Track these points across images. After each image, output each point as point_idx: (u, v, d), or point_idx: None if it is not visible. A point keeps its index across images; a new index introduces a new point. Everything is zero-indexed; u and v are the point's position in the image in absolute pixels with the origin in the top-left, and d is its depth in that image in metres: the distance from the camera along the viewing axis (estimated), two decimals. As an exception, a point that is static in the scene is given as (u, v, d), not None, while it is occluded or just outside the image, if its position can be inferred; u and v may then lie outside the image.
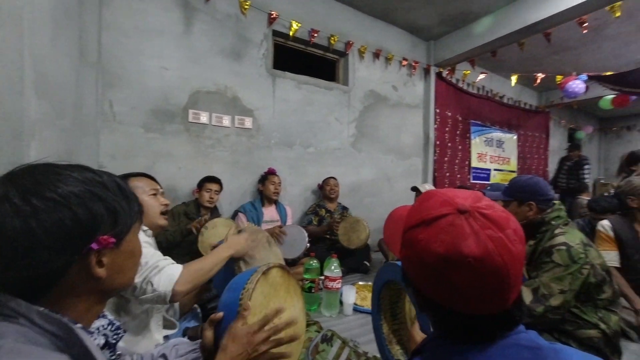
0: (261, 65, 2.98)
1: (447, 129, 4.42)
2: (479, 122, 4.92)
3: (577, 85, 4.03)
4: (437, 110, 4.26)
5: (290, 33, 3.06)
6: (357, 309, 1.98)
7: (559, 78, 4.23)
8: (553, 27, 3.23)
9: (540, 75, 4.23)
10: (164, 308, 1.18)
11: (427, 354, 0.53)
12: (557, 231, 1.35)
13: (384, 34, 3.85)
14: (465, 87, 4.70)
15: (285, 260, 2.12)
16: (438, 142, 4.29)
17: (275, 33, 3.09)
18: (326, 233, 2.85)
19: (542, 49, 4.07)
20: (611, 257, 1.83)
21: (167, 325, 1.20)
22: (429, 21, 3.78)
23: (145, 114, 2.43)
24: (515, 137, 5.55)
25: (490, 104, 5.08)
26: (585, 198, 3.96)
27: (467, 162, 4.78)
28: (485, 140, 5.05)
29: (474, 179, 4.84)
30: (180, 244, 2.16)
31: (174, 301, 0.97)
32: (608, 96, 4.65)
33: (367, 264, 2.83)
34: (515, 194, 1.49)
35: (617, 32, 3.86)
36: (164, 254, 1.04)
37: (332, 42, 3.33)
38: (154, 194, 1.15)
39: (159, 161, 2.50)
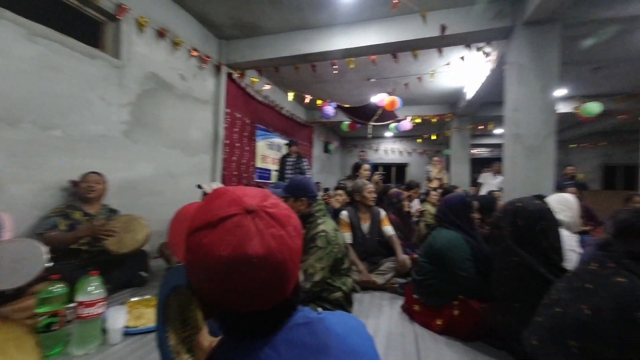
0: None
1: (236, 129, 4.59)
2: (264, 127, 5.49)
3: (330, 110, 5.39)
4: (228, 110, 4.33)
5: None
6: (129, 332, 1.61)
7: (319, 102, 5.49)
8: (316, 62, 4.14)
9: (308, 97, 5.30)
10: None
11: None
12: (319, 221, 1.71)
13: (172, 15, 3.45)
14: (253, 94, 5.08)
15: (1, 293, 1.40)
16: (227, 142, 4.37)
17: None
18: (81, 239, 2.12)
19: (310, 76, 5.12)
20: (347, 236, 2.56)
21: None
22: (220, 19, 3.78)
23: None
24: (290, 144, 6.64)
25: (272, 113, 5.79)
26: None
27: (252, 163, 5.19)
28: (268, 144, 5.71)
29: (258, 178, 5.33)
30: None
31: None
32: (346, 122, 6.56)
33: (144, 274, 2.39)
34: (292, 191, 1.75)
35: (351, 79, 5.52)
36: None
37: (97, -4, 2.57)
38: None
39: None
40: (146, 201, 3.20)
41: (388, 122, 5.99)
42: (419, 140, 9.35)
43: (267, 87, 5.03)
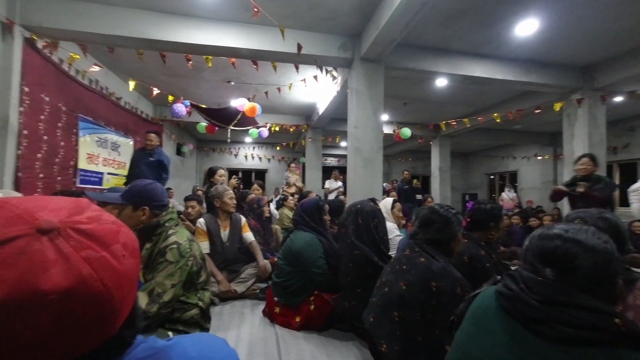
0: None
1: (42, 117, 3.41)
2: (91, 119, 4.34)
3: (181, 108, 4.86)
4: (27, 89, 3.16)
5: None
6: None
7: (170, 98, 4.86)
8: (167, 52, 3.63)
9: (155, 90, 4.59)
10: None
11: None
12: (170, 232, 1.48)
13: None
14: (73, 74, 3.95)
15: None
16: (27, 132, 3.18)
17: None
18: None
19: (159, 67, 4.45)
20: (205, 246, 2.35)
21: None
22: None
23: None
24: (132, 142, 5.54)
25: (106, 103, 4.68)
26: None
27: (72, 163, 4.00)
28: (98, 141, 4.56)
29: (81, 183, 4.16)
30: None
31: None
32: (203, 123, 6.08)
33: None
34: (131, 198, 1.45)
35: (210, 78, 5.18)
36: None
37: None
38: None
39: None
40: None
41: (248, 127, 5.97)
42: (278, 148, 9.80)
43: (96, 69, 3.99)
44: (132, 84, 4.32)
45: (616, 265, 0.68)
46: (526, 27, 3.50)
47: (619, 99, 4.85)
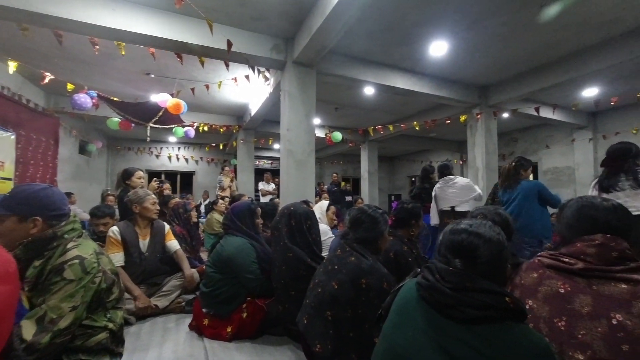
0: None
1: None
2: (-45, 107, 3.42)
3: (84, 99, 4.17)
4: None
5: None
6: None
7: (70, 86, 4.14)
8: (63, 31, 3.06)
9: (49, 75, 3.86)
10: None
11: None
12: (69, 245, 1.25)
13: None
14: None
15: None
16: None
17: None
18: None
19: (53, 48, 3.75)
20: (118, 258, 2.05)
21: None
22: None
23: None
24: (13, 136, 4.51)
25: (-23, 87, 3.74)
26: None
27: None
28: (-34, 135, 3.61)
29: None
30: None
31: None
32: (115, 118, 5.32)
33: None
34: (16, 207, 1.18)
35: (123, 68, 4.56)
36: None
37: None
38: None
39: None
40: None
41: (171, 126, 5.45)
42: (207, 149, 9.20)
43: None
44: (12, 65, 3.54)
45: (506, 253, 0.81)
46: (438, 48, 3.99)
47: (506, 115, 5.89)
